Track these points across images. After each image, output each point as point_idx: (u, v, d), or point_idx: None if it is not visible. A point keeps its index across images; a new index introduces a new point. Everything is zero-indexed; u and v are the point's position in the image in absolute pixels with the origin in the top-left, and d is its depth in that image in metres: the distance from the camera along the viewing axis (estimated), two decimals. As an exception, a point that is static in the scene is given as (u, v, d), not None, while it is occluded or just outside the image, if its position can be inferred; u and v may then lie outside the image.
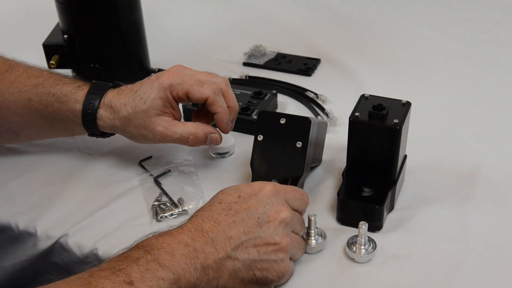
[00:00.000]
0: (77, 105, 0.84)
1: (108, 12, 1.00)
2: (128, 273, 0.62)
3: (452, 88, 1.10)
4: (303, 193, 0.76)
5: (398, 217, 0.81)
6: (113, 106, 0.83)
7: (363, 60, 1.18)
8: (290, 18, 1.35)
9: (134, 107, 0.82)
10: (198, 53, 1.24)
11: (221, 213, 0.69)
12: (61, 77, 0.87)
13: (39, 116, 0.86)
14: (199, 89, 0.81)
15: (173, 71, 0.83)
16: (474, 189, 0.86)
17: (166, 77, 0.82)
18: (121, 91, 0.85)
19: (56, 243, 0.82)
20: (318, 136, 0.85)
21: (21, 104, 0.86)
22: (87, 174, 0.92)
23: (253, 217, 0.69)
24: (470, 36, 1.25)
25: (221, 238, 0.67)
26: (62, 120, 0.86)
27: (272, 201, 0.70)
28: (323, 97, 1.06)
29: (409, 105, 0.80)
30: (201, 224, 0.68)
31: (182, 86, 0.81)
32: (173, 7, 1.40)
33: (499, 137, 0.96)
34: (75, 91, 0.85)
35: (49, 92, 0.85)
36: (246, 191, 0.71)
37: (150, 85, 0.82)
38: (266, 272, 0.69)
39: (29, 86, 0.86)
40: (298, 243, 0.73)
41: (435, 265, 0.74)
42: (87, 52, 1.03)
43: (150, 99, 0.82)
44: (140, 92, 0.82)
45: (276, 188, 0.72)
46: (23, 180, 0.91)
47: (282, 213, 0.70)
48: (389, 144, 0.78)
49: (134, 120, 0.82)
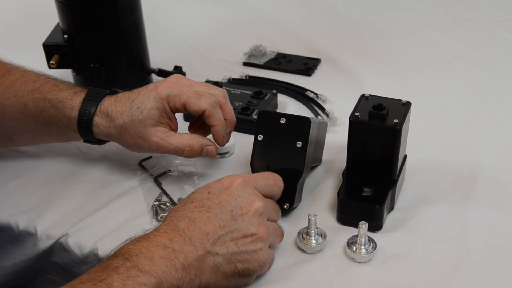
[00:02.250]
0: (73, 112, 0.83)
1: (108, 12, 1.00)
2: (109, 283, 0.61)
3: (452, 88, 1.10)
4: (276, 178, 0.76)
5: (398, 217, 0.81)
6: (109, 114, 0.83)
7: (363, 60, 1.18)
8: (290, 18, 1.35)
9: (131, 116, 0.81)
10: (198, 53, 1.24)
11: (195, 211, 0.69)
12: (58, 82, 0.87)
13: (34, 122, 0.86)
14: (196, 101, 0.81)
15: (171, 81, 0.83)
16: (474, 189, 0.86)
17: (164, 87, 0.82)
18: (118, 98, 0.84)
19: (56, 243, 0.82)
20: (318, 136, 0.85)
21: (17, 109, 0.85)
22: (87, 174, 0.92)
23: (226, 211, 0.69)
24: (470, 36, 1.25)
25: (198, 235, 0.67)
26: (58, 126, 0.86)
27: (243, 193, 0.71)
28: (323, 97, 1.06)
29: (409, 105, 0.80)
30: (176, 224, 0.68)
31: (180, 98, 0.81)
32: (173, 7, 1.40)
33: (499, 137, 0.96)
34: (71, 97, 0.84)
35: (45, 98, 0.84)
36: (216, 187, 0.72)
37: (148, 94, 0.82)
38: (247, 263, 0.69)
39: (25, 91, 0.85)
40: (275, 230, 0.73)
41: (435, 265, 0.74)
42: (87, 52, 1.03)
43: (147, 109, 0.81)
44: (137, 101, 0.82)
45: (245, 180, 0.72)
46: (23, 180, 0.91)
47: (255, 203, 0.71)
48: (389, 144, 0.78)
49: (130, 129, 0.82)
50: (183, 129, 0.87)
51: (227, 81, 1.12)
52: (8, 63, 0.90)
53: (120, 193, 0.88)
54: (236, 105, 1.00)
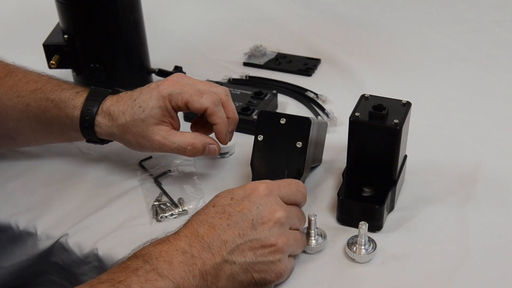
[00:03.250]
0: (75, 112, 0.83)
1: (108, 12, 1.00)
2: (128, 284, 0.61)
3: (452, 88, 1.10)
4: (298, 184, 0.75)
5: (398, 217, 0.81)
6: (111, 113, 0.83)
7: (364, 60, 1.18)
8: (291, 18, 1.35)
9: (133, 115, 0.81)
10: (198, 53, 1.24)
11: (215, 217, 0.69)
12: (60, 82, 0.87)
13: (37, 122, 0.86)
14: (198, 100, 0.81)
15: (173, 80, 0.83)
16: (474, 189, 0.86)
17: (166, 86, 0.81)
18: (120, 98, 0.84)
19: (56, 243, 0.82)
20: (318, 136, 0.85)
21: (19, 109, 0.85)
22: (87, 174, 0.92)
23: (247, 219, 0.68)
24: (471, 36, 1.25)
25: (216, 242, 0.67)
26: (60, 126, 0.86)
27: (265, 202, 0.70)
28: (323, 97, 1.06)
29: (409, 105, 0.80)
30: (197, 229, 0.68)
31: (182, 96, 0.81)
32: (173, 7, 1.40)
33: (500, 137, 0.96)
34: (73, 97, 0.84)
35: (47, 98, 0.84)
36: (239, 193, 0.71)
37: (150, 93, 0.82)
38: (264, 273, 0.68)
39: (28, 91, 0.85)
40: (296, 240, 0.72)
41: (435, 265, 0.74)
42: (87, 52, 1.03)
43: (149, 108, 0.81)
44: (139, 100, 0.82)
45: (269, 188, 0.71)
46: (23, 180, 0.91)
47: (277, 213, 0.70)
48: (389, 144, 0.78)
49: (132, 128, 0.82)
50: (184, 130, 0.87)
51: (227, 81, 1.12)
52: (10, 64, 0.90)
53: (120, 193, 0.88)
54: (236, 105, 1.00)
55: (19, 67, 0.89)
